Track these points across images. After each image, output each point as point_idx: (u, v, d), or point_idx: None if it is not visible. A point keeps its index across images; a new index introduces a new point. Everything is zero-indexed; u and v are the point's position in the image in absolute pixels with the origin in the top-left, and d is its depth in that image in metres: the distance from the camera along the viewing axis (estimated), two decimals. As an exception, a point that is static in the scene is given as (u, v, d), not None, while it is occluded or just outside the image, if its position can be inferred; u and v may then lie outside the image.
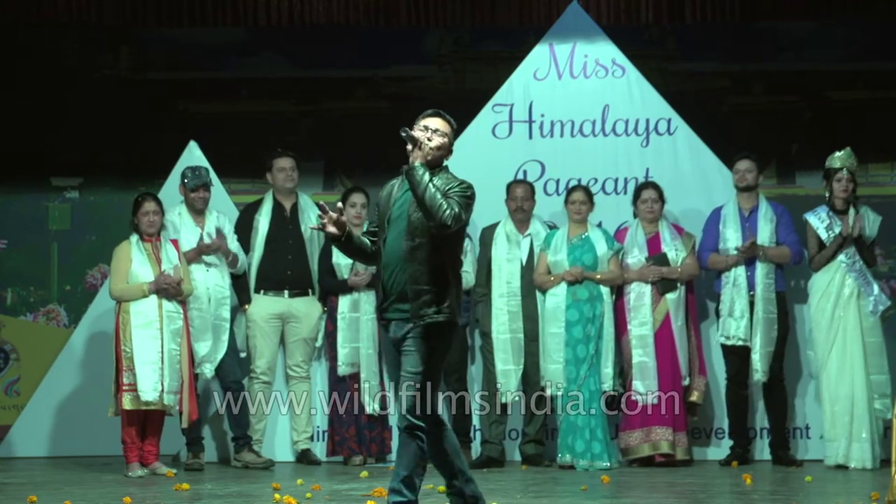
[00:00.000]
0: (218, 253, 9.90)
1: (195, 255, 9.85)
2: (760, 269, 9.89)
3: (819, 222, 9.78)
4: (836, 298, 9.70)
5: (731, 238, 9.95)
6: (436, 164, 6.73)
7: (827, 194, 9.85)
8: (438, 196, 6.57)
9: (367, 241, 6.84)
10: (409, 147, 6.69)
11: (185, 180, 9.98)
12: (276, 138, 11.12)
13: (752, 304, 9.87)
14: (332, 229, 6.72)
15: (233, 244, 10.04)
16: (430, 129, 6.75)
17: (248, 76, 12.11)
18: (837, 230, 9.70)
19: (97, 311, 10.58)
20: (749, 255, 9.86)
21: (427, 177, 6.59)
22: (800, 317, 10.18)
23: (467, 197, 6.68)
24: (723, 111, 11.90)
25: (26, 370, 11.75)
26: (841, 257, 9.70)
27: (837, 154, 9.80)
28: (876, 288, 9.70)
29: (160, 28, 11.21)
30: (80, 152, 11.89)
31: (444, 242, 6.66)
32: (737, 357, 9.93)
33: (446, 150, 6.80)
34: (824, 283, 9.74)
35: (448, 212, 6.55)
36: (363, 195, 10.07)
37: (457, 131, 6.92)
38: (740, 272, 9.90)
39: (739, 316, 9.87)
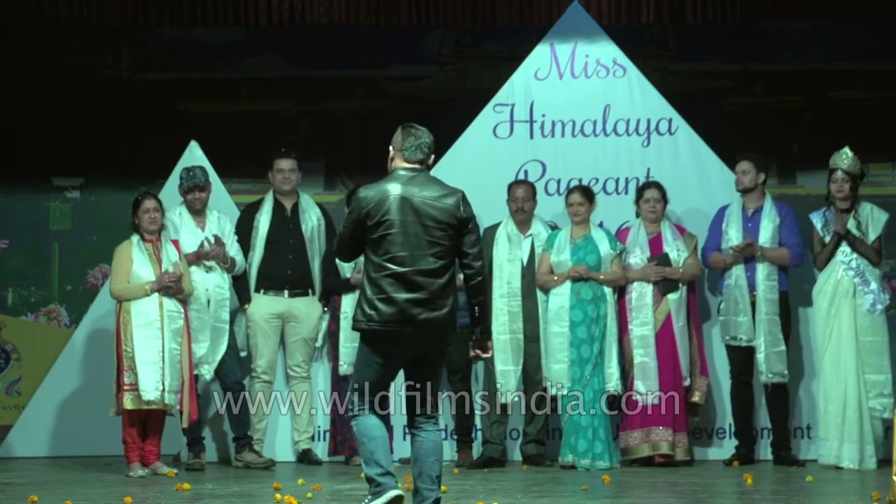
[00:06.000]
0: (216, 260, 9.91)
1: (195, 259, 9.86)
2: (761, 269, 9.88)
3: (820, 222, 9.80)
4: (832, 297, 9.70)
5: (734, 237, 9.93)
6: None
7: (827, 194, 9.87)
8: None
9: None
10: None
11: (181, 181, 10.00)
12: (276, 138, 11.10)
13: (753, 305, 9.87)
14: None
15: (232, 248, 10.04)
16: None
17: (249, 76, 12.11)
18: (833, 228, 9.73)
19: (98, 311, 10.57)
20: (746, 255, 9.86)
21: None
22: (803, 317, 10.18)
23: (347, 215, 6.99)
24: (724, 111, 11.89)
25: (27, 370, 11.75)
26: (838, 256, 9.70)
27: (835, 154, 9.80)
28: (874, 286, 9.66)
29: (160, 28, 11.19)
30: (81, 152, 11.88)
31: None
32: (741, 355, 9.92)
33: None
34: (822, 281, 9.75)
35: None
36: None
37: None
38: (740, 272, 9.89)
39: (742, 316, 9.86)
